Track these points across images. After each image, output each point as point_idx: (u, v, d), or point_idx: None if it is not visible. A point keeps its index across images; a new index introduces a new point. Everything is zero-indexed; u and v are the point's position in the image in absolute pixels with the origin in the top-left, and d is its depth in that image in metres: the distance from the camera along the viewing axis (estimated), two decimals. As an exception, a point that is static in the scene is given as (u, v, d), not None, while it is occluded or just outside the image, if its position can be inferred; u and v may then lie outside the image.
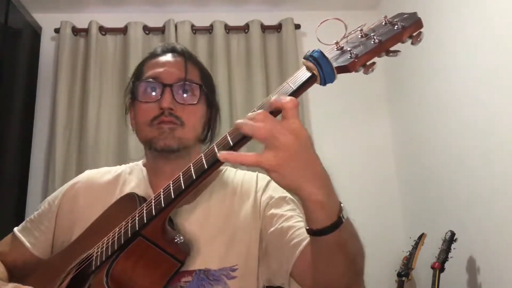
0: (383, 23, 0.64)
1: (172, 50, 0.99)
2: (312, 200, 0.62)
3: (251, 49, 2.50)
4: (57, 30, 2.49)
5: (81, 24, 2.49)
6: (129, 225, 0.77)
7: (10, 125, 2.25)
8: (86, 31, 2.48)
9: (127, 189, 0.96)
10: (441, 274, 1.64)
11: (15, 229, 1.00)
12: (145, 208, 0.77)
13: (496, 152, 1.58)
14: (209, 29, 2.53)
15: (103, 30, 2.49)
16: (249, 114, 0.62)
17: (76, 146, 2.32)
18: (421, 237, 1.88)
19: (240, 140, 0.64)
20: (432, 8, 2.00)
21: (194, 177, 0.69)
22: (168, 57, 0.97)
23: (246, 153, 0.61)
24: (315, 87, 0.66)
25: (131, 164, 1.05)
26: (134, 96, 0.96)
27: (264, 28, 2.55)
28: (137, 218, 0.77)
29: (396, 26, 0.63)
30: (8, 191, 2.20)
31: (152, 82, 0.93)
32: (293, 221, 0.87)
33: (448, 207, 1.93)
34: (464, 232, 1.73)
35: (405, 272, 1.82)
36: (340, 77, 0.63)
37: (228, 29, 2.54)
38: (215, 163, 0.66)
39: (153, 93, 0.92)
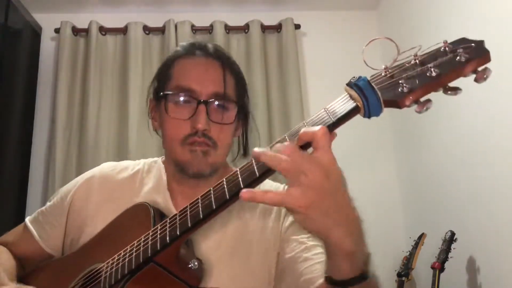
0: (442, 50, 0.54)
1: (207, 51, 0.88)
2: (338, 248, 0.55)
3: (251, 49, 2.50)
4: (57, 30, 2.49)
5: (81, 24, 2.49)
6: (141, 248, 0.73)
7: (10, 125, 2.25)
8: (86, 31, 2.48)
9: (144, 190, 0.91)
10: (441, 274, 1.63)
11: (27, 219, 0.97)
12: (159, 232, 0.72)
13: (496, 152, 1.58)
14: (209, 29, 2.53)
15: (103, 30, 2.49)
16: (276, 145, 0.54)
17: (76, 146, 2.32)
18: (421, 237, 1.88)
19: (267, 171, 0.56)
20: (432, 7, 2.00)
21: (214, 207, 0.63)
22: (202, 61, 0.86)
23: (272, 191, 0.53)
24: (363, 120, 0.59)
25: (149, 160, 0.98)
26: (159, 101, 0.88)
27: (264, 28, 2.55)
28: (150, 242, 0.72)
29: (458, 57, 0.52)
30: (8, 191, 2.20)
31: (184, 96, 0.83)
32: (312, 252, 0.80)
33: (448, 207, 1.93)
34: (464, 232, 1.73)
35: (405, 272, 1.82)
36: None
37: (228, 29, 2.54)
38: (237, 193, 0.58)
39: (186, 108, 0.83)
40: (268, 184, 0.91)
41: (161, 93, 0.87)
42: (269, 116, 2.40)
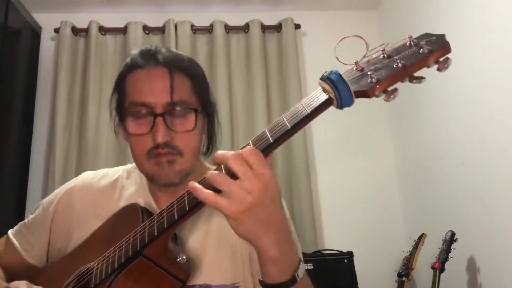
0: (408, 44, 0.59)
1: (156, 60, 0.85)
2: (266, 255, 0.60)
3: (251, 49, 2.50)
4: (57, 30, 2.49)
5: (81, 24, 2.49)
6: (131, 243, 0.75)
7: (10, 125, 2.25)
8: (86, 31, 2.48)
9: (126, 195, 0.93)
10: (441, 274, 1.63)
11: (10, 232, 0.97)
12: (147, 227, 0.74)
13: (496, 152, 1.58)
14: (209, 29, 2.53)
15: (103, 30, 2.49)
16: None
17: (76, 146, 2.32)
18: (421, 237, 1.87)
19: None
20: (432, 7, 2.00)
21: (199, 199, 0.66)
22: (152, 72, 0.84)
23: (208, 191, 0.58)
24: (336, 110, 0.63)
25: (128, 166, 1.00)
26: (120, 117, 0.88)
27: (264, 28, 2.55)
28: (138, 237, 0.74)
29: (421, 49, 0.57)
30: (8, 191, 2.20)
31: (140, 111, 0.82)
32: None
33: (448, 207, 1.93)
34: (464, 232, 1.73)
35: (405, 272, 1.82)
36: None
37: (228, 29, 2.54)
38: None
39: (144, 123, 0.82)
40: None
41: (123, 109, 0.87)
42: (269, 116, 2.40)
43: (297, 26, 2.57)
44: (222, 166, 0.61)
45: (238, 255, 0.87)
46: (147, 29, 2.51)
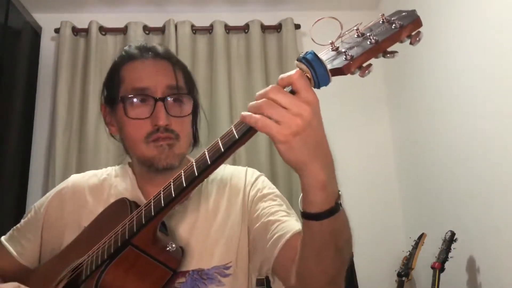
0: (380, 22, 0.60)
1: (153, 51, 0.91)
2: (315, 179, 0.60)
3: (251, 49, 2.50)
4: (57, 30, 2.49)
5: (81, 24, 2.49)
6: (119, 233, 0.76)
7: (10, 125, 2.25)
8: (86, 31, 2.48)
9: (115, 192, 0.94)
10: (441, 274, 1.64)
11: (2, 238, 0.99)
12: (135, 216, 0.75)
13: (496, 152, 1.58)
14: (209, 29, 2.53)
15: (103, 30, 2.49)
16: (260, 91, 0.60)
17: (76, 146, 2.32)
18: (421, 237, 1.88)
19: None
20: (432, 7, 2.00)
21: (184, 185, 0.68)
22: (151, 62, 0.89)
23: (258, 116, 0.58)
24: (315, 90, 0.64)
25: (116, 166, 1.03)
26: (114, 106, 0.90)
27: (264, 28, 2.55)
28: (127, 227, 0.75)
29: (393, 25, 0.58)
30: (8, 191, 2.20)
31: (141, 96, 0.86)
32: (277, 216, 0.85)
33: (448, 207, 1.93)
34: (464, 232, 1.73)
35: (405, 272, 1.82)
36: (339, 78, 0.60)
37: (228, 29, 2.54)
38: (206, 169, 0.65)
39: (144, 108, 0.86)
40: (232, 168, 0.99)
41: (118, 97, 0.89)
42: (269, 116, 2.40)
43: (297, 26, 2.57)
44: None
45: (228, 236, 0.88)
46: (147, 29, 2.51)
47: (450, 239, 1.68)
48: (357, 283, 1.98)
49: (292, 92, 0.59)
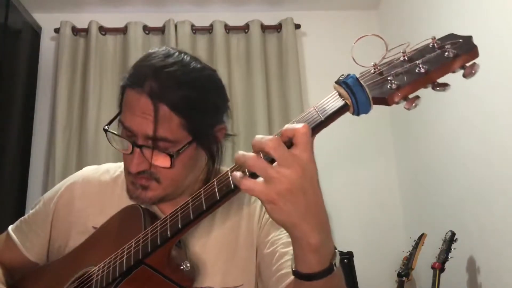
0: (431, 46, 0.54)
1: (150, 87, 0.76)
2: (306, 241, 0.57)
3: (251, 49, 2.50)
4: (57, 30, 2.49)
5: (81, 24, 2.49)
6: (132, 251, 0.73)
7: (10, 125, 2.25)
8: (86, 31, 2.48)
9: (127, 194, 0.90)
10: (441, 274, 1.63)
11: (10, 228, 0.97)
12: (150, 234, 0.72)
13: (496, 152, 1.58)
14: (209, 29, 2.53)
15: (103, 30, 2.49)
16: (260, 138, 0.55)
17: (76, 146, 2.32)
18: (421, 237, 1.87)
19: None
20: (432, 8, 2.00)
21: (204, 208, 0.64)
22: (144, 99, 0.76)
23: (243, 177, 0.55)
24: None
25: None
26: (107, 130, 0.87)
27: (264, 28, 2.55)
28: (141, 244, 0.72)
29: (446, 53, 0.52)
30: (8, 191, 2.20)
31: (126, 134, 0.81)
32: (288, 248, 0.80)
33: (448, 207, 1.93)
34: (464, 232, 1.73)
35: (405, 272, 1.82)
36: None
37: (228, 29, 2.54)
38: (229, 193, 0.61)
39: (128, 146, 0.81)
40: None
41: (107, 128, 0.86)
42: (269, 116, 2.40)
43: (297, 26, 2.57)
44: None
45: (241, 257, 0.86)
46: (147, 29, 2.51)
47: (450, 239, 1.68)
48: (357, 283, 1.98)
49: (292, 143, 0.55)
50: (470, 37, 0.54)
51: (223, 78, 0.97)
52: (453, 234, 1.69)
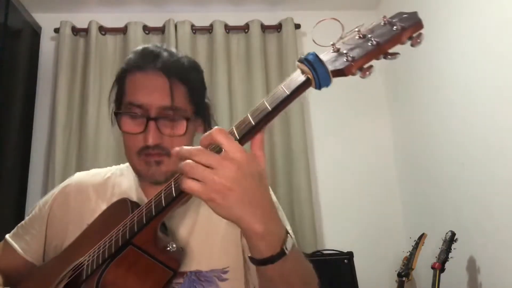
0: (382, 23, 0.61)
1: (156, 63, 0.88)
2: (252, 231, 0.61)
3: (251, 49, 2.50)
4: (56, 30, 2.49)
5: (81, 24, 2.49)
6: (120, 233, 0.76)
7: (10, 125, 2.25)
8: (86, 31, 2.48)
9: (119, 191, 0.95)
10: (442, 274, 1.63)
11: (7, 235, 1.00)
12: (136, 216, 0.75)
13: (496, 152, 1.58)
14: (209, 29, 2.53)
15: (103, 30, 2.49)
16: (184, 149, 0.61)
17: (76, 146, 2.32)
18: (421, 237, 1.87)
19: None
20: (432, 8, 2.00)
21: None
22: (150, 76, 0.87)
23: (185, 178, 0.59)
24: (316, 91, 0.64)
25: (121, 166, 1.04)
26: (117, 113, 0.92)
27: (264, 28, 2.55)
28: (128, 226, 0.75)
29: (395, 27, 0.59)
30: (8, 191, 2.20)
31: (136, 112, 0.86)
32: None
33: (448, 207, 1.93)
34: (464, 232, 1.73)
35: (405, 272, 1.81)
36: (340, 80, 0.61)
37: (228, 29, 2.54)
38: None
39: (138, 124, 0.86)
40: None
41: (117, 106, 0.93)
42: (269, 116, 2.39)
43: (297, 26, 2.57)
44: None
45: (227, 240, 0.89)
46: (147, 29, 2.51)
47: (451, 239, 1.67)
48: (357, 283, 1.98)
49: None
50: (415, 13, 0.61)
51: (223, 78, 1.04)
52: (453, 234, 1.69)
